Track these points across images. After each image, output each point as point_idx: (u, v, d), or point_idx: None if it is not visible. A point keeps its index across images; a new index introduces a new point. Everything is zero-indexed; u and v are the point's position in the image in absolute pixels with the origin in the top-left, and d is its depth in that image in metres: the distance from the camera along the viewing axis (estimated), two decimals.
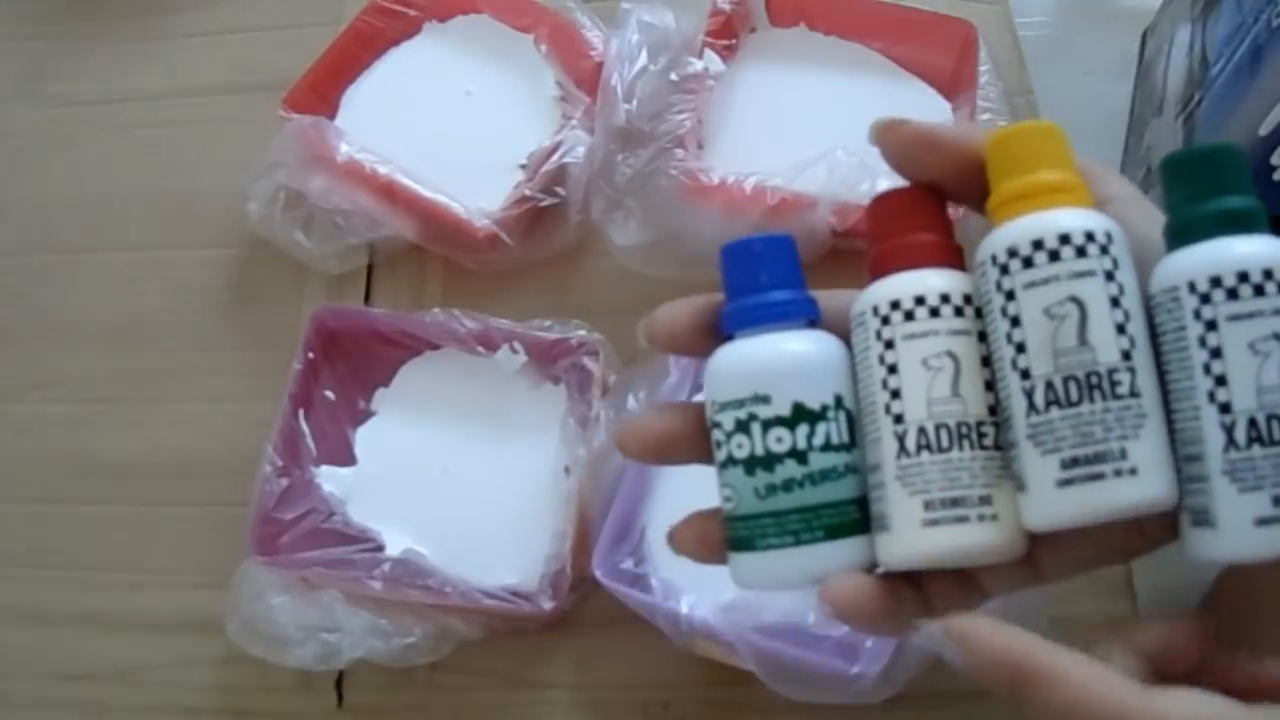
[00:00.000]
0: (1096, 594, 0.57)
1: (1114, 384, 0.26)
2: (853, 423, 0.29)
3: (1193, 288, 0.26)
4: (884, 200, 0.30)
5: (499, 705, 0.59)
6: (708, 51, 0.69)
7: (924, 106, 0.70)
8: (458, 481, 0.63)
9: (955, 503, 0.27)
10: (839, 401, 0.29)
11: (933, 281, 0.28)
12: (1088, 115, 0.94)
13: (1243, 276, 0.25)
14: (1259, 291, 0.25)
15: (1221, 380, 0.25)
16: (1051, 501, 0.26)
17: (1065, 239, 0.26)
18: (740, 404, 0.29)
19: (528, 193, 0.66)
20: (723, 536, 0.31)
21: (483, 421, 0.64)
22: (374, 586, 0.56)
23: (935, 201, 0.30)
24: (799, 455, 0.28)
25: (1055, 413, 0.26)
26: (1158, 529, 0.28)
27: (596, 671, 0.59)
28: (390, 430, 0.65)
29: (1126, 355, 0.26)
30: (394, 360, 0.67)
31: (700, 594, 0.54)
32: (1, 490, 0.70)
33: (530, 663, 0.59)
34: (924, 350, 0.28)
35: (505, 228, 0.66)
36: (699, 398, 0.32)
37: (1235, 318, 0.25)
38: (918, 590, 0.30)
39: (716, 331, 0.31)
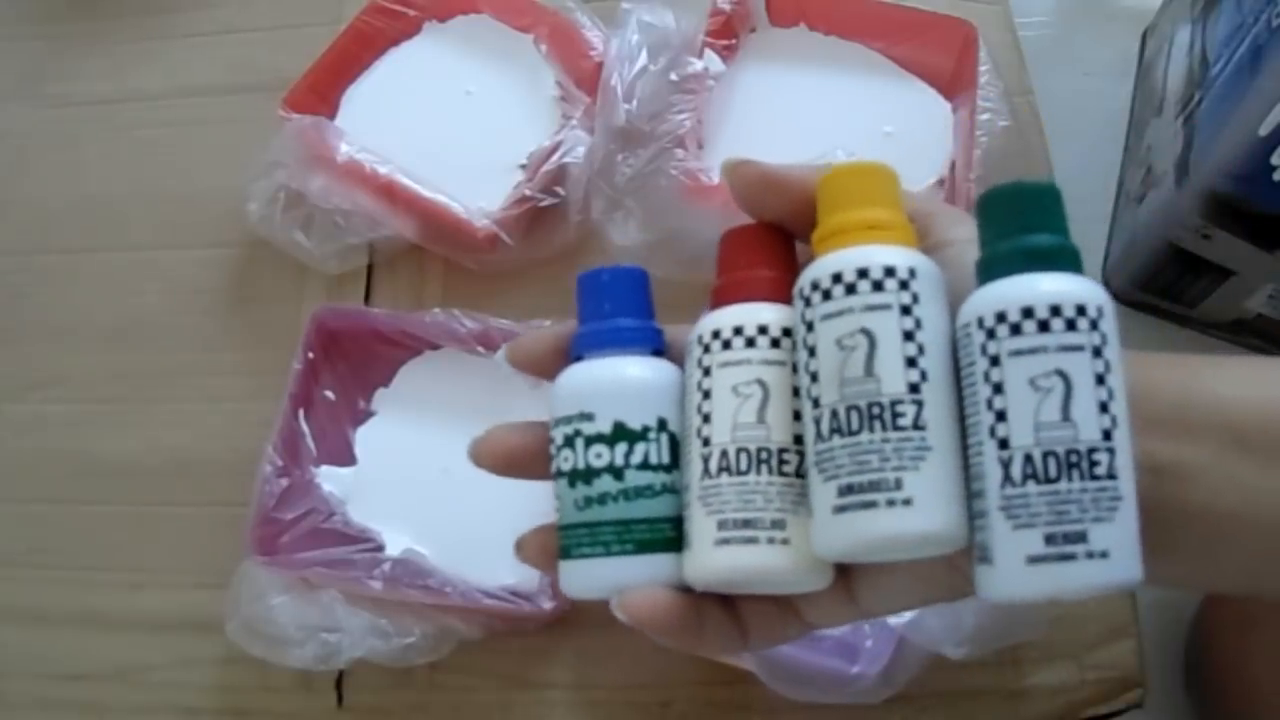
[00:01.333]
0: None
1: (896, 415, 0.26)
2: (676, 446, 0.30)
3: (981, 323, 0.26)
4: (728, 236, 0.31)
5: (499, 705, 0.59)
6: (708, 51, 0.69)
7: (924, 106, 0.70)
8: (458, 481, 0.63)
9: (747, 524, 0.28)
10: (662, 424, 0.30)
11: (755, 314, 0.29)
12: (1088, 115, 0.94)
13: (1027, 312, 0.25)
14: (1043, 327, 0.25)
15: (1001, 415, 0.26)
16: (829, 527, 0.27)
17: (863, 273, 0.27)
18: (569, 420, 0.30)
19: (528, 193, 0.66)
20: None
21: (483, 421, 0.63)
22: (374, 586, 0.56)
23: (778, 239, 0.31)
24: (615, 471, 0.30)
25: (837, 440, 0.26)
26: (970, 566, 0.27)
27: (596, 671, 0.59)
28: (390, 430, 0.65)
29: (914, 388, 0.26)
30: (394, 360, 0.67)
31: None
32: (1, 490, 0.70)
33: (530, 663, 0.59)
34: (735, 378, 0.29)
35: (505, 228, 0.66)
36: None
37: (1017, 353, 0.25)
38: (732, 614, 0.30)
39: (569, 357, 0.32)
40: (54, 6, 0.88)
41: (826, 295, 0.27)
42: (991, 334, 0.26)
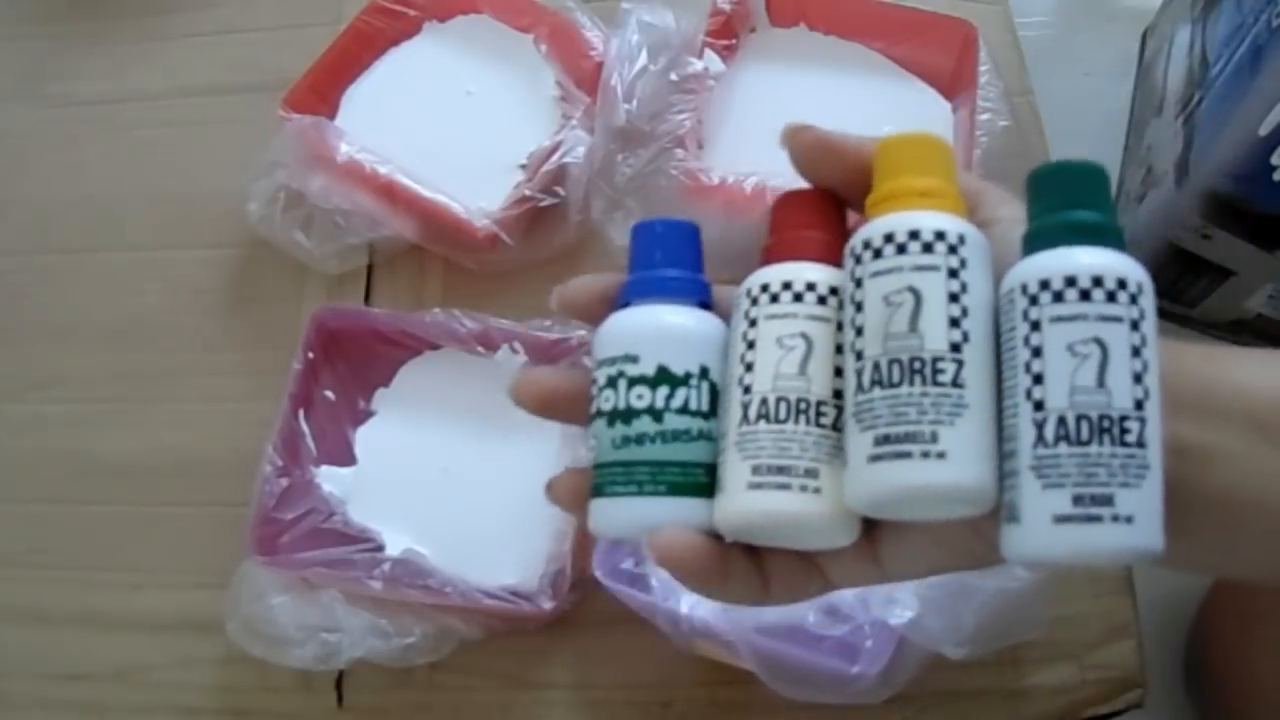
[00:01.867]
0: (1097, 594, 0.57)
1: (936, 371, 0.27)
2: (715, 395, 0.31)
3: (1024, 289, 0.27)
4: (783, 199, 0.32)
5: (499, 705, 0.59)
6: (708, 51, 0.69)
7: (924, 106, 0.70)
8: (458, 481, 0.63)
9: (780, 470, 0.28)
10: (704, 372, 0.31)
11: (803, 271, 0.30)
12: (1088, 115, 0.94)
13: (1070, 281, 0.26)
14: (1085, 296, 0.26)
15: (1039, 379, 0.26)
16: (862, 476, 0.27)
17: (914, 234, 0.28)
18: (613, 361, 0.31)
19: (528, 193, 0.66)
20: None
21: (483, 421, 0.64)
22: (374, 586, 0.56)
23: (830, 204, 0.32)
24: (655, 413, 0.30)
25: (877, 392, 0.27)
26: (994, 533, 0.28)
27: (596, 671, 0.59)
28: (390, 430, 0.65)
29: (956, 348, 0.27)
30: (394, 360, 0.67)
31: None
32: (1, 490, 0.70)
33: (530, 663, 0.59)
34: (781, 330, 0.29)
35: (505, 228, 0.66)
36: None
37: (1058, 319, 0.26)
38: (756, 565, 0.31)
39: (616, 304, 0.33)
40: (54, 6, 0.88)
41: (877, 254, 0.28)
42: (1034, 300, 0.27)
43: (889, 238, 0.28)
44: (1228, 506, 0.28)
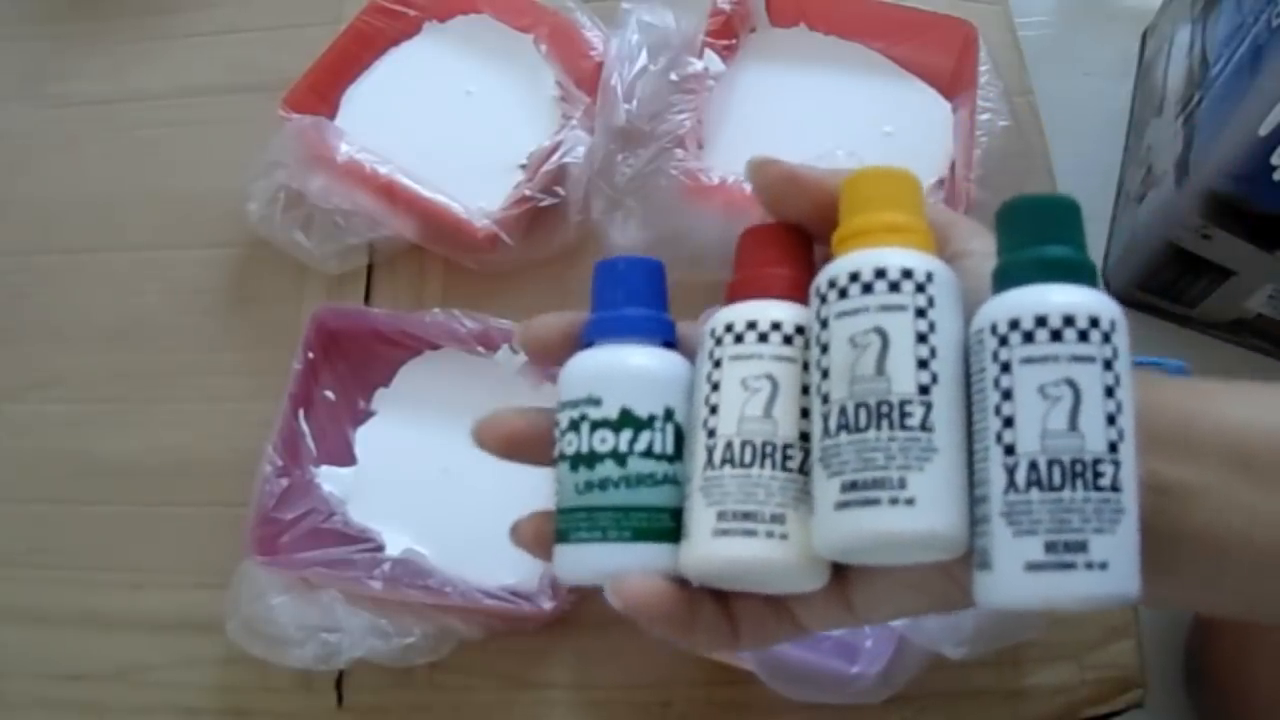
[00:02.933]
0: None
1: (904, 415, 0.26)
2: (680, 437, 0.30)
3: (994, 329, 0.26)
4: (748, 234, 0.32)
5: (499, 705, 0.59)
6: (708, 51, 0.69)
7: (924, 106, 0.70)
8: (458, 481, 0.63)
9: (746, 516, 0.28)
10: (669, 415, 0.30)
11: (769, 310, 0.29)
12: (1088, 115, 0.94)
13: (1040, 321, 0.26)
14: (1056, 336, 0.26)
15: (1009, 421, 0.26)
16: (830, 523, 0.27)
17: (881, 273, 0.27)
18: (575, 404, 0.31)
19: (528, 193, 0.66)
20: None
21: None
22: (374, 586, 0.56)
23: (797, 239, 0.31)
24: (619, 457, 0.30)
25: (844, 437, 0.27)
26: (968, 578, 0.27)
27: (596, 671, 0.59)
28: (390, 430, 0.65)
29: (924, 390, 0.26)
30: (394, 360, 0.67)
31: None
32: (1, 490, 0.70)
33: (530, 663, 0.59)
34: (745, 371, 0.29)
35: (505, 228, 0.66)
36: None
37: (1028, 360, 0.26)
38: (725, 610, 0.30)
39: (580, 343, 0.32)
40: (54, 6, 0.88)
41: (843, 293, 0.27)
42: (1004, 340, 0.26)
43: (854, 276, 0.27)
44: (1209, 543, 0.27)
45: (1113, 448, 0.25)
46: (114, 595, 0.65)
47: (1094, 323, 0.26)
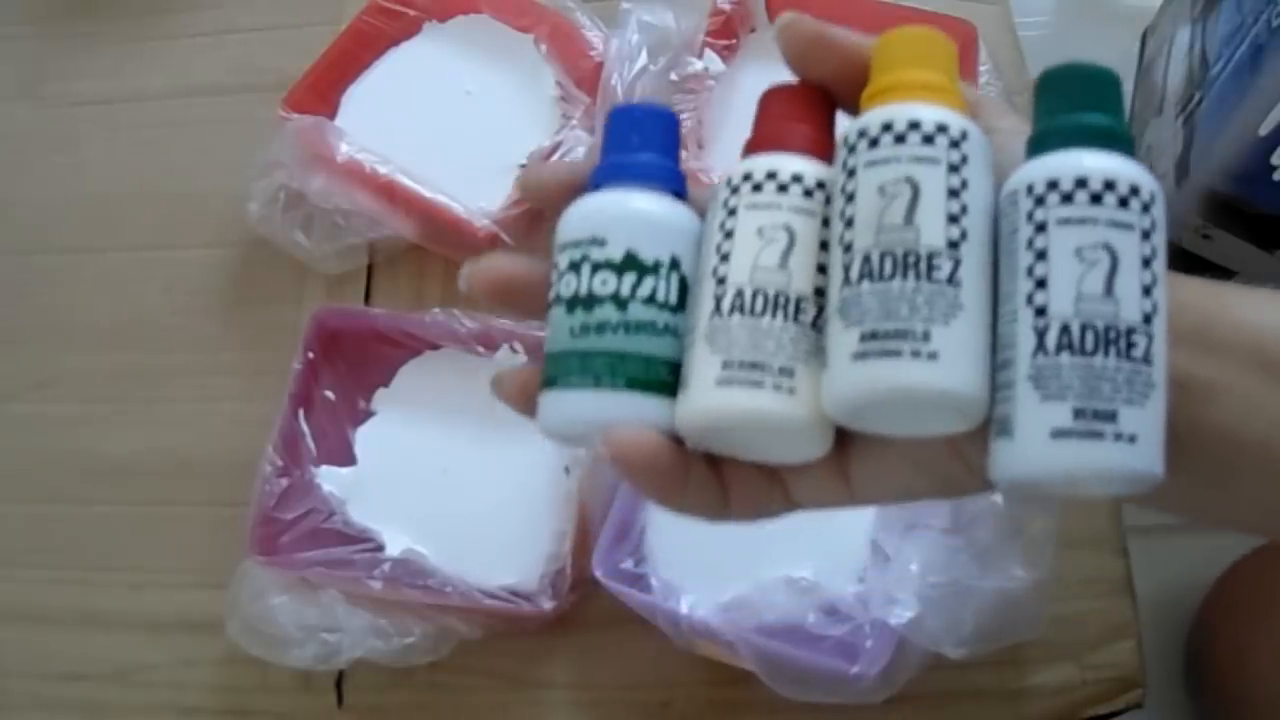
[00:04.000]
0: (1097, 594, 0.57)
1: (931, 268, 0.25)
2: (685, 289, 0.29)
3: (1030, 190, 0.25)
4: (771, 92, 0.31)
5: (499, 705, 0.59)
6: (708, 51, 0.69)
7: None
8: (458, 481, 0.63)
9: (753, 366, 0.26)
10: (675, 263, 0.29)
11: (790, 163, 0.28)
12: None
13: (1080, 183, 0.25)
14: (1095, 200, 0.25)
15: (1042, 283, 0.25)
16: (845, 375, 0.25)
17: (915, 125, 0.26)
18: (578, 244, 0.29)
19: None
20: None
21: (483, 421, 0.64)
22: (374, 586, 0.56)
23: (820, 99, 0.30)
24: (619, 301, 0.28)
25: (866, 286, 0.25)
26: (977, 458, 0.26)
27: (596, 671, 0.59)
28: (390, 430, 0.65)
29: (954, 245, 0.25)
30: (394, 360, 0.67)
31: (700, 594, 0.54)
32: (1, 490, 0.70)
33: (530, 663, 0.59)
34: (762, 220, 0.28)
35: (505, 228, 0.66)
36: None
37: (1065, 221, 0.25)
38: (716, 474, 0.29)
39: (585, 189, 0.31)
40: (54, 6, 0.88)
41: (874, 143, 0.26)
42: (1040, 201, 0.25)
43: (887, 127, 0.26)
44: (1226, 444, 0.26)
45: (1147, 319, 0.24)
46: (114, 595, 0.65)
47: (1134, 191, 0.25)
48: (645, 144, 0.31)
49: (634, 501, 0.57)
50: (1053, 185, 0.25)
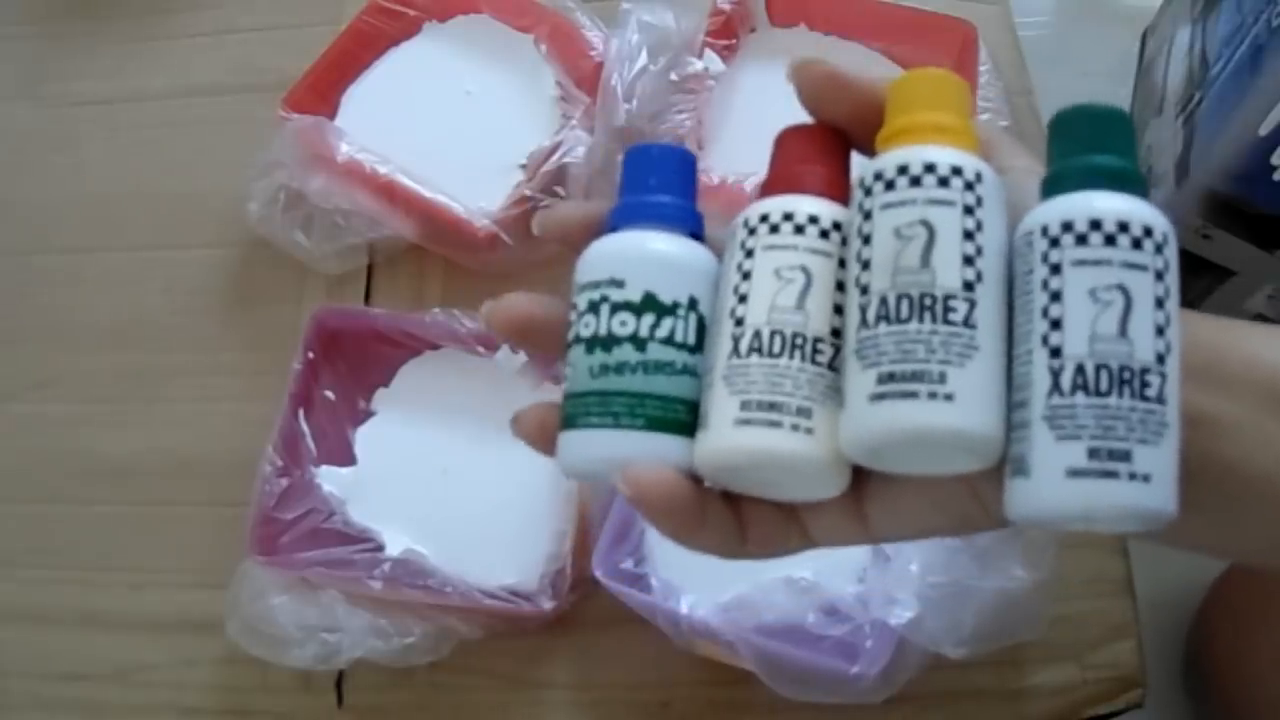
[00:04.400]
0: (1097, 594, 0.57)
1: (948, 310, 0.26)
2: (703, 329, 0.29)
3: (1045, 231, 0.26)
4: (786, 133, 0.31)
5: (499, 705, 0.59)
6: (708, 51, 0.69)
7: None
8: (458, 481, 0.63)
9: (771, 407, 0.27)
10: (693, 304, 0.29)
11: (806, 204, 0.29)
12: None
13: (1095, 224, 0.25)
14: (1109, 241, 0.25)
15: (1057, 324, 0.25)
16: (862, 416, 0.26)
17: (930, 168, 0.27)
18: (596, 285, 0.30)
19: (528, 193, 0.66)
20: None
21: (483, 421, 0.64)
22: (374, 586, 0.56)
23: (835, 141, 0.31)
24: (638, 342, 0.29)
25: (883, 328, 0.26)
26: (992, 496, 0.27)
27: (596, 671, 0.59)
28: (390, 430, 0.65)
29: (969, 287, 0.26)
30: (394, 360, 0.67)
31: (700, 594, 0.54)
32: (1, 490, 0.70)
33: (530, 663, 0.59)
34: (779, 261, 0.28)
35: (505, 228, 0.66)
36: None
37: (1080, 263, 0.25)
38: (734, 512, 0.29)
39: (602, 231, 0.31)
40: (54, 6, 0.88)
41: (890, 185, 0.27)
42: (1055, 242, 0.26)
43: (903, 169, 0.27)
44: (1236, 480, 0.27)
45: (1160, 359, 0.25)
46: (114, 595, 0.65)
47: (1148, 232, 0.25)
48: (662, 185, 0.31)
49: None
50: (1067, 226, 0.26)
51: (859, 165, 0.30)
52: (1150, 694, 0.57)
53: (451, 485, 0.62)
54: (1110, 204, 0.26)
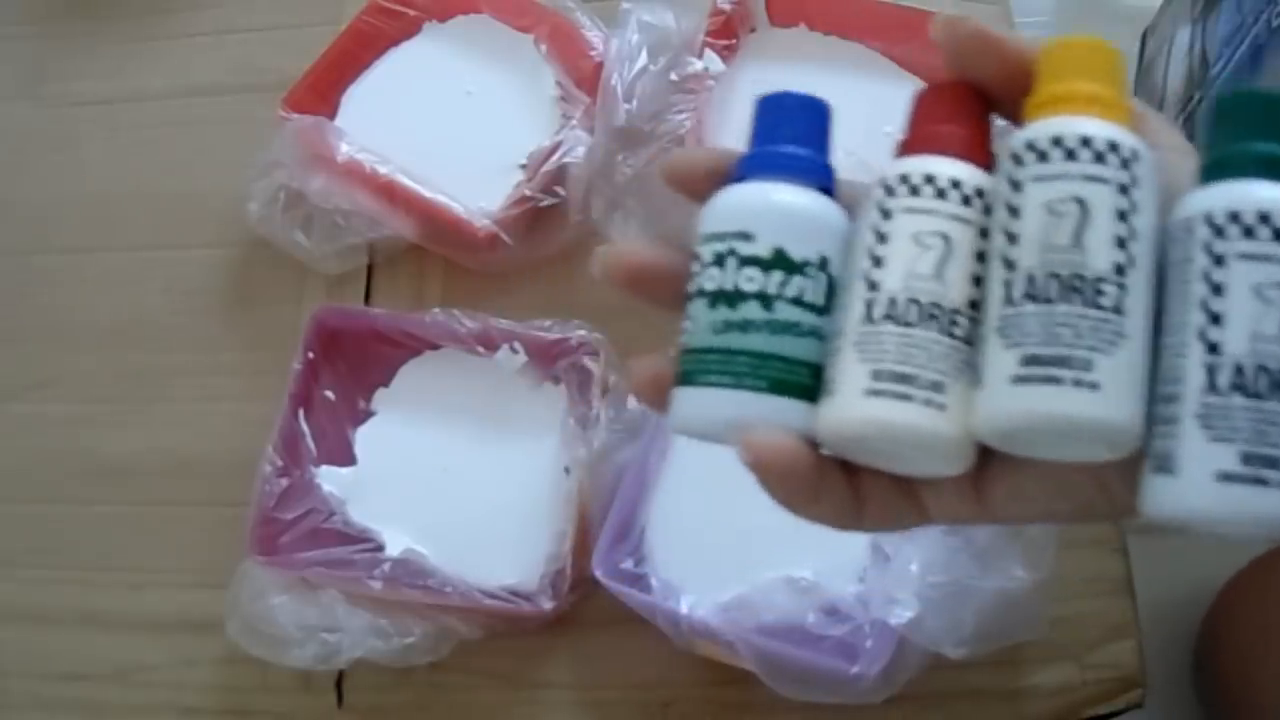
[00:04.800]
0: (1097, 594, 0.57)
1: (1098, 293, 0.25)
2: (832, 290, 0.28)
3: (1208, 219, 0.25)
4: (927, 91, 0.30)
5: (499, 705, 0.59)
6: (708, 51, 0.69)
7: None
8: (458, 481, 0.63)
9: (903, 379, 0.26)
10: (823, 263, 0.28)
11: (948, 167, 0.27)
12: None
13: (1264, 218, 0.24)
14: (1278, 237, 0.24)
15: (1217, 319, 0.24)
16: (1002, 398, 0.25)
17: (1086, 142, 0.25)
18: (723, 237, 0.28)
19: (528, 193, 0.66)
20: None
21: (483, 421, 0.64)
22: (374, 586, 0.56)
23: (977, 101, 0.29)
24: (765, 300, 0.28)
25: (1029, 307, 0.25)
26: (1120, 487, 0.26)
27: (596, 671, 0.59)
28: (390, 430, 0.65)
29: (1120, 270, 0.25)
30: (394, 360, 0.67)
31: (700, 594, 0.54)
32: (1, 490, 0.70)
33: (530, 663, 0.59)
34: (919, 226, 0.27)
35: (505, 228, 0.66)
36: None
37: (1247, 257, 0.24)
38: (852, 484, 0.28)
39: (727, 181, 0.30)
40: (54, 6, 0.88)
41: (1042, 157, 0.26)
42: (1220, 232, 0.24)
43: (1057, 141, 0.26)
44: None
45: None
46: (114, 595, 0.65)
47: None
48: (795, 135, 0.30)
49: (634, 501, 0.57)
50: (1234, 217, 0.24)
51: (1004, 132, 0.28)
52: (1150, 694, 0.57)
53: (451, 485, 0.62)
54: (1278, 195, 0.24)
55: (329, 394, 0.65)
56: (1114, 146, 0.25)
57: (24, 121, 0.83)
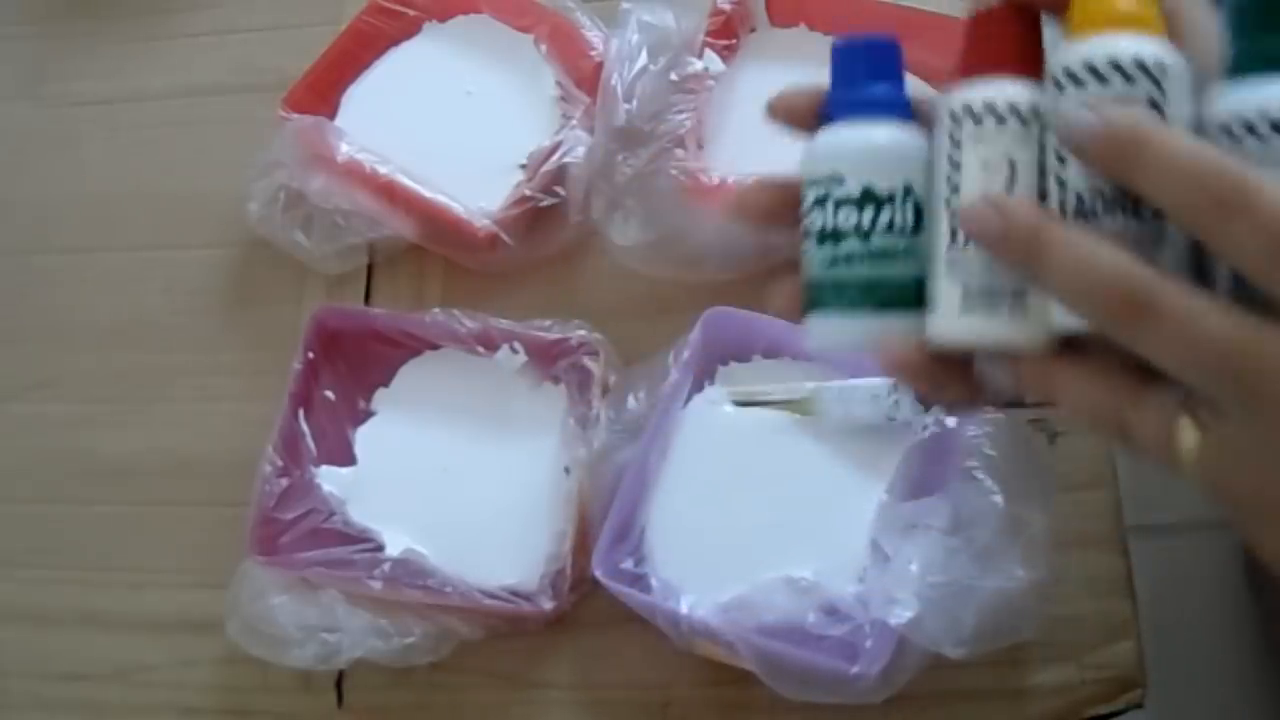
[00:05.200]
0: (1097, 594, 0.57)
1: (1139, 209, 0.28)
2: (920, 211, 0.32)
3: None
4: (981, 12, 0.33)
5: (499, 705, 0.59)
6: (708, 51, 0.69)
7: None
8: (458, 481, 0.63)
9: (991, 293, 0.30)
10: (908, 190, 0.32)
11: (1006, 90, 0.30)
12: None
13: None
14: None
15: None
16: None
17: (1116, 66, 0.28)
18: (819, 182, 0.33)
19: (528, 193, 0.66)
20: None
21: (483, 421, 0.64)
22: (374, 586, 0.56)
23: (1027, 16, 0.32)
24: (862, 234, 0.32)
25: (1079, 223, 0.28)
26: None
27: (596, 671, 0.59)
28: (390, 430, 0.65)
29: None
30: (394, 360, 0.67)
31: (700, 594, 0.54)
32: (1, 490, 0.70)
33: (530, 663, 0.59)
34: (985, 153, 0.30)
35: (505, 228, 0.66)
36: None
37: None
38: (968, 367, 0.33)
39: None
40: (54, 6, 0.88)
41: (1078, 83, 0.28)
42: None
43: (1091, 68, 0.28)
44: None
45: None
46: (114, 595, 0.65)
47: None
48: (871, 73, 0.34)
49: (634, 501, 0.57)
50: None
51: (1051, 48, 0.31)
52: (1150, 694, 0.57)
53: (451, 485, 0.62)
54: None
55: (329, 394, 0.65)
56: (1142, 65, 0.28)
57: (24, 121, 0.83)
